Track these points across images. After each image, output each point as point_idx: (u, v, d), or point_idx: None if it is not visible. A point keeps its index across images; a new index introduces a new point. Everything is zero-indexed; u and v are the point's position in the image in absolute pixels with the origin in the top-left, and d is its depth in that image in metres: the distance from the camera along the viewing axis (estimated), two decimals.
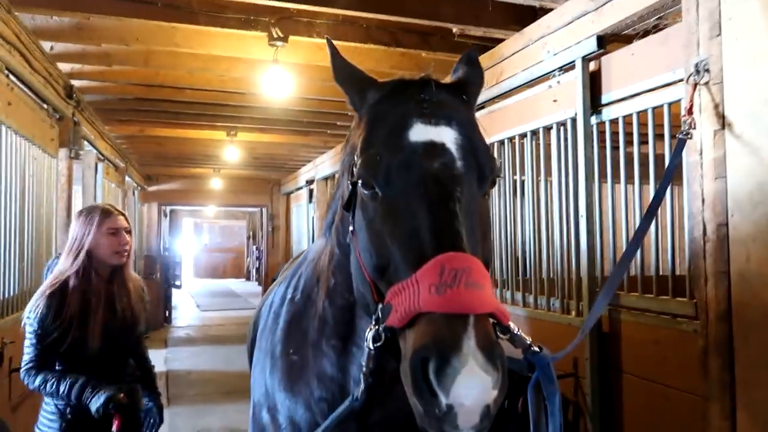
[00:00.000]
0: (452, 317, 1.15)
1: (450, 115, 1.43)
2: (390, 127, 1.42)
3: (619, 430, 2.87)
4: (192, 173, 12.48)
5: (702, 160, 2.30)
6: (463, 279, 1.18)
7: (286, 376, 1.99)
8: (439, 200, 1.30)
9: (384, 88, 1.56)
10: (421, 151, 1.36)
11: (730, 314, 2.18)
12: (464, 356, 1.10)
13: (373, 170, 1.37)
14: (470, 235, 1.29)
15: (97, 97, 5.88)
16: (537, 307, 3.48)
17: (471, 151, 1.39)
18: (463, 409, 1.11)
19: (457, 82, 1.64)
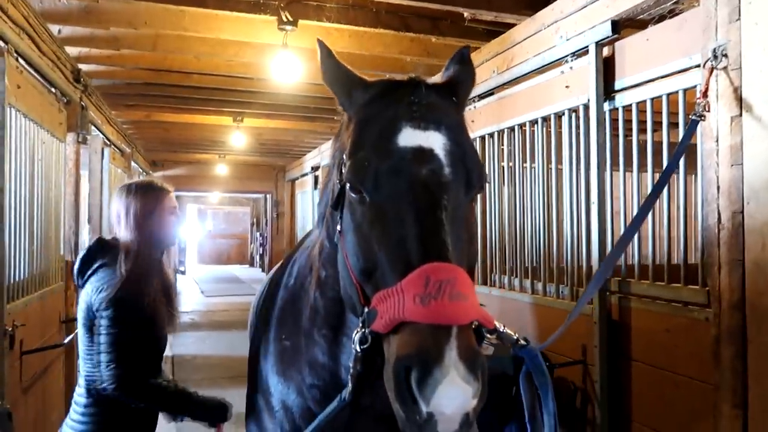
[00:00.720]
0: (436, 328, 1.17)
1: (439, 119, 1.42)
2: (379, 130, 1.41)
3: (627, 418, 2.88)
4: (197, 159, 12.48)
5: (718, 147, 2.28)
6: (448, 290, 1.19)
7: (278, 361, 2.01)
8: (426, 208, 1.30)
9: (373, 88, 1.54)
10: (410, 156, 1.35)
11: (743, 303, 2.18)
12: (446, 367, 1.13)
13: (362, 175, 1.37)
14: (456, 244, 1.30)
15: (105, 82, 5.87)
16: (546, 294, 3.47)
17: (459, 157, 1.38)
18: (443, 417, 1.14)
19: (448, 82, 1.62)
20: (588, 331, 3.03)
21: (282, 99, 6.46)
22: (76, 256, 4.97)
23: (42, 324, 3.95)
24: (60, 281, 4.49)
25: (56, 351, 4.30)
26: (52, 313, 4.25)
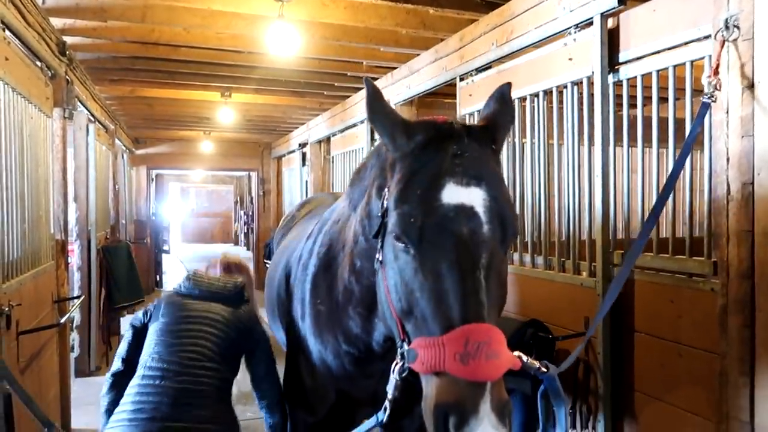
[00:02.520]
0: (473, 383, 1.36)
1: (479, 174, 1.54)
2: (424, 185, 1.53)
3: (629, 388, 2.93)
4: (182, 136, 12.26)
5: (728, 119, 2.29)
6: (484, 350, 1.36)
7: (315, 324, 2.32)
8: (467, 268, 1.45)
9: (418, 135, 1.63)
10: (452, 214, 1.48)
11: (752, 272, 2.20)
12: (480, 418, 1.33)
13: (407, 229, 1.51)
14: (491, 302, 1.46)
15: (89, 56, 5.69)
16: (548, 267, 3.49)
17: (497, 213, 1.51)
18: None
19: (487, 126, 1.71)
20: (591, 303, 3.05)
21: (272, 74, 6.34)
22: (65, 235, 4.88)
23: (36, 304, 3.89)
24: (51, 260, 4.40)
25: (50, 331, 4.24)
26: (45, 292, 4.18)
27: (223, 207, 28.49)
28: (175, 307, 2.62)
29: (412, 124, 1.70)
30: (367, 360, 2.19)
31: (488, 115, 1.77)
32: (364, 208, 1.92)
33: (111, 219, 8.40)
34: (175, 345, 2.43)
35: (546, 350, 3.16)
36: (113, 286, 7.00)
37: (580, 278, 3.20)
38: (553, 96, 3.45)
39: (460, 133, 1.61)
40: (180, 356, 2.39)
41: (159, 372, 2.34)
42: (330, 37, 4.90)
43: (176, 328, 2.51)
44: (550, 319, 3.28)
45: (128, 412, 2.25)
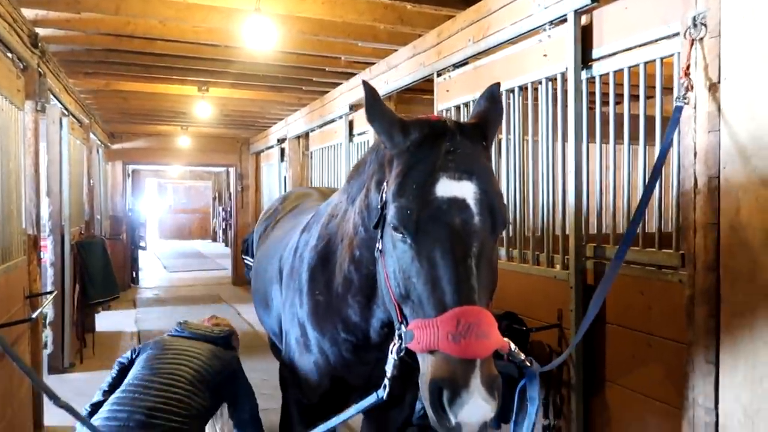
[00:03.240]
0: (464, 360, 1.47)
1: (471, 168, 1.66)
2: (419, 179, 1.65)
3: (601, 378, 2.99)
4: (159, 131, 12.11)
5: (696, 114, 2.34)
6: (474, 330, 1.48)
7: (313, 313, 2.44)
8: (459, 256, 1.57)
9: (413, 133, 1.75)
10: (446, 206, 1.60)
11: (717, 264, 2.26)
12: (471, 392, 1.45)
13: (404, 221, 1.62)
14: (482, 286, 1.58)
15: (63, 48, 5.59)
16: (523, 261, 3.54)
17: (487, 205, 1.63)
18: (467, 425, 1.47)
19: (478, 124, 1.83)
20: (564, 295, 3.11)
21: (250, 68, 6.30)
22: (37, 230, 4.80)
23: (7, 299, 3.83)
24: (23, 255, 4.33)
25: (22, 327, 4.18)
26: (16, 288, 4.11)
27: (202, 203, 28.24)
28: (162, 343, 2.86)
29: (408, 122, 1.80)
30: (365, 347, 2.30)
31: (479, 113, 1.88)
32: (363, 201, 2.04)
33: (86, 214, 8.28)
34: (156, 369, 2.60)
35: (520, 342, 3.21)
36: (88, 282, 6.90)
37: (554, 271, 3.25)
38: (528, 92, 3.50)
39: (453, 131, 1.73)
40: (158, 378, 2.53)
41: (137, 389, 2.48)
42: (307, 31, 4.89)
43: (160, 357, 2.70)
44: (524, 311, 3.33)
45: (102, 418, 2.34)
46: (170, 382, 2.49)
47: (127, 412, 2.31)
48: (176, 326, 3.00)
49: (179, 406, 2.39)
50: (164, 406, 2.37)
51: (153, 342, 2.86)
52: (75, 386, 5.93)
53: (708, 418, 2.29)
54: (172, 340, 2.89)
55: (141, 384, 2.48)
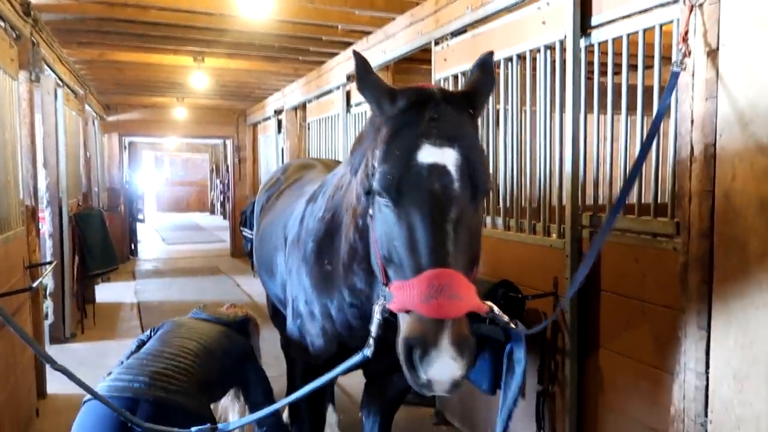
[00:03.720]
0: (435, 320, 1.53)
1: (454, 135, 1.69)
2: (402, 146, 1.69)
3: (595, 345, 3.04)
4: (154, 103, 12.00)
5: (693, 81, 2.33)
6: (446, 292, 1.54)
7: (320, 282, 2.52)
8: (436, 220, 1.62)
9: (400, 101, 1.79)
10: (426, 172, 1.65)
11: (712, 231, 2.28)
12: (440, 350, 1.51)
13: (387, 185, 1.67)
14: (458, 250, 1.62)
15: (55, 17, 5.49)
16: (520, 230, 3.56)
17: (468, 172, 1.66)
18: (437, 382, 1.55)
19: (467, 92, 1.87)
20: (560, 264, 3.14)
21: (246, 37, 6.21)
22: (35, 201, 4.81)
23: (7, 270, 3.85)
24: (21, 226, 4.34)
25: (23, 297, 4.22)
26: (15, 258, 4.13)
27: (199, 175, 28.15)
28: (178, 322, 2.95)
29: (397, 91, 1.83)
30: (371, 314, 2.33)
31: (469, 82, 1.92)
32: (364, 171, 2.07)
33: (83, 186, 8.26)
34: (166, 341, 2.69)
35: (516, 310, 3.25)
36: (87, 254, 6.93)
37: (550, 240, 3.28)
38: (527, 61, 3.47)
39: (438, 99, 1.76)
40: (167, 348, 2.62)
41: (147, 357, 2.56)
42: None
43: (173, 331, 2.80)
44: (520, 279, 3.37)
45: (110, 380, 2.42)
46: (177, 352, 2.57)
47: (133, 374, 2.38)
48: (195, 309, 3.12)
49: (184, 374, 2.46)
50: (169, 372, 2.43)
51: (170, 321, 2.97)
52: (77, 356, 6.00)
53: (698, 383, 2.34)
54: (188, 320, 2.99)
55: (150, 353, 2.57)
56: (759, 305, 2.10)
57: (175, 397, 2.33)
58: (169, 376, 2.40)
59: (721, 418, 2.25)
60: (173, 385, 2.36)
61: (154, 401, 2.27)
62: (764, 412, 2.09)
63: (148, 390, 2.30)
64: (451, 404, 4.33)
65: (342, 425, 4.15)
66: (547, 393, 3.25)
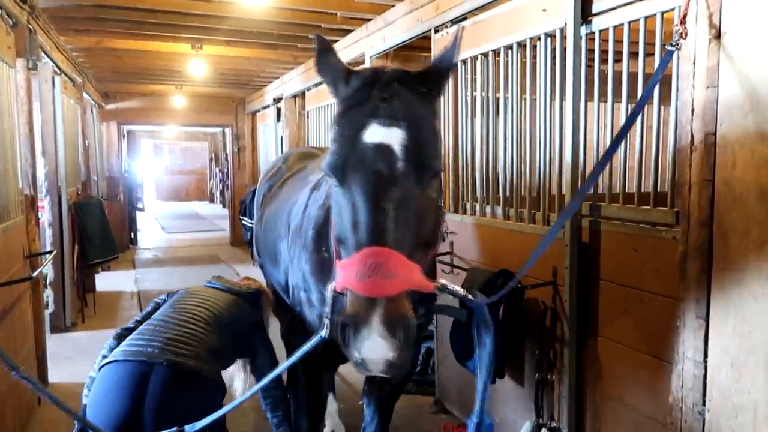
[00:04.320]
0: (368, 298, 1.53)
1: (402, 115, 1.67)
2: (350, 126, 1.70)
3: (594, 334, 3.04)
4: (153, 90, 11.95)
5: (694, 70, 2.32)
6: (380, 270, 1.53)
7: (317, 268, 2.53)
8: (375, 199, 1.61)
9: (354, 82, 1.79)
10: (370, 152, 1.64)
11: (711, 220, 2.28)
12: (370, 329, 1.50)
13: (333, 166, 1.69)
14: (399, 230, 1.60)
15: (52, 4, 5.45)
16: (519, 219, 3.56)
17: (414, 152, 1.65)
18: (370, 361, 1.54)
19: (423, 72, 1.84)
20: (559, 253, 3.14)
21: (244, 24, 6.17)
22: (34, 190, 4.80)
23: (7, 259, 3.85)
24: (20, 215, 4.34)
25: (23, 286, 4.22)
26: (15, 247, 4.13)
27: (198, 164, 28.10)
28: (191, 290, 2.97)
29: (353, 72, 1.84)
30: None
31: (431, 61, 1.89)
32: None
33: (82, 175, 8.25)
34: (178, 308, 2.73)
35: (515, 299, 3.26)
36: (86, 243, 6.93)
37: (549, 229, 3.26)
38: (527, 49, 3.45)
39: (391, 79, 1.75)
40: (178, 315, 2.66)
41: (159, 322, 2.61)
42: None
43: (185, 299, 2.83)
44: (520, 268, 3.36)
45: (125, 344, 2.49)
46: (188, 318, 2.63)
47: (146, 340, 2.44)
48: (209, 279, 3.15)
49: (195, 339, 2.52)
50: (180, 338, 2.48)
51: (184, 289, 3.01)
52: (78, 345, 6.03)
53: (696, 371, 2.35)
54: (201, 288, 3.02)
55: (162, 319, 2.62)
56: (758, 294, 2.10)
57: (187, 360, 2.39)
58: (181, 342, 2.47)
59: (718, 406, 2.27)
60: (185, 350, 2.42)
61: (167, 364, 2.33)
62: (762, 400, 2.10)
63: (161, 354, 2.36)
64: (450, 393, 4.36)
65: (342, 413, 4.17)
66: (545, 381, 3.26)
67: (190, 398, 2.32)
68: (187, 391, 2.31)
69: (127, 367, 2.32)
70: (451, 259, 4.12)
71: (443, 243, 4.21)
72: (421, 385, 4.74)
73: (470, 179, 4.08)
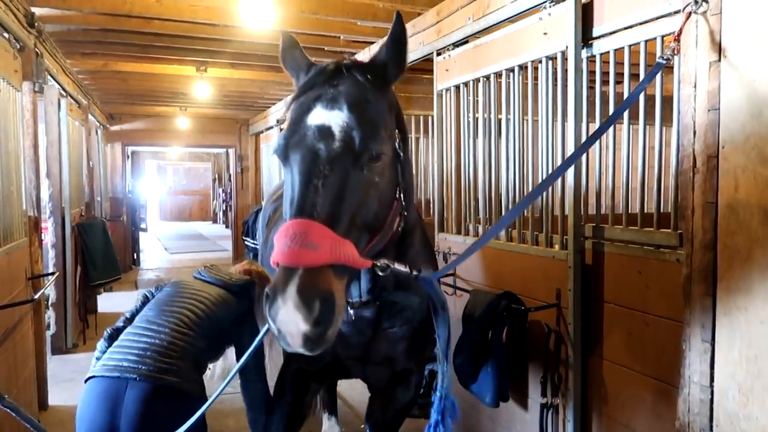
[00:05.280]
0: (288, 268, 1.54)
1: (344, 100, 1.74)
2: (297, 110, 1.78)
3: (599, 357, 3.01)
4: (157, 112, 12.05)
5: (696, 92, 2.33)
6: (299, 240, 1.54)
7: None
8: (308, 176, 1.66)
9: (311, 71, 1.91)
10: (309, 132, 1.71)
11: (715, 243, 2.27)
12: (285, 298, 1.49)
13: (278, 148, 1.77)
14: (327, 205, 1.62)
15: (59, 28, 5.53)
16: (522, 241, 3.55)
17: (352, 133, 1.70)
18: (286, 333, 1.52)
19: (372, 62, 1.93)
20: (563, 275, 3.12)
21: (248, 48, 6.24)
22: (38, 212, 4.81)
23: (9, 281, 3.85)
24: (24, 237, 4.35)
25: (25, 308, 4.21)
26: (18, 269, 4.13)
27: (201, 184, 28.22)
28: (179, 284, 2.88)
29: (313, 65, 1.96)
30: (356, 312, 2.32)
31: (382, 49, 1.95)
32: None
33: (86, 196, 8.28)
34: (161, 310, 2.64)
35: (519, 321, 3.24)
36: (89, 264, 6.93)
37: (553, 251, 3.26)
38: (529, 71, 3.47)
39: (341, 69, 1.85)
40: (162, 319, 2.57)
41: (137, 330, 2.53)
42: (306, 10, 4.85)
43: (170, 298, 2.73)
44: (523, 291, 3.35)
45: (106, 358, 2.45)
46: (169, 324, 2.54)
47: (123, 353, 2.40)
48: (202, 268, 3.04)
49: (171, 348, 2.44)
50: (158, 347, 2.42)
51: (173, 282, 2.92)
52: (79, 366, 5.99)
53: (703, 396, 2.31)
54: (190, 282, 2.91)
55: (141, 326, 2.55)
56: (764, 318, 2.08)
57: (162, 375, 2.32)
58: (159, 352, 2.39)
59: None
60: (162, 362, 2.35)
61: (141, 379, 2.27)
62: None
63: (136, 369, 2.30)
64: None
65: None
66: (550, 405, 3.22)
67: (167, 411, 2.28)
68: (164, 405, 2.28)
69: (102, 384, 2.31)
70: (453, 281, 4.10)
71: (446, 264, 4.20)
72: (424, 409, 4.68)
73: (473, 200, 4.08)
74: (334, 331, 1.57)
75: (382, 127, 1.81)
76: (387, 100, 1.93)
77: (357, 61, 1.93)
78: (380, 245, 1.85)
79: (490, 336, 3.23)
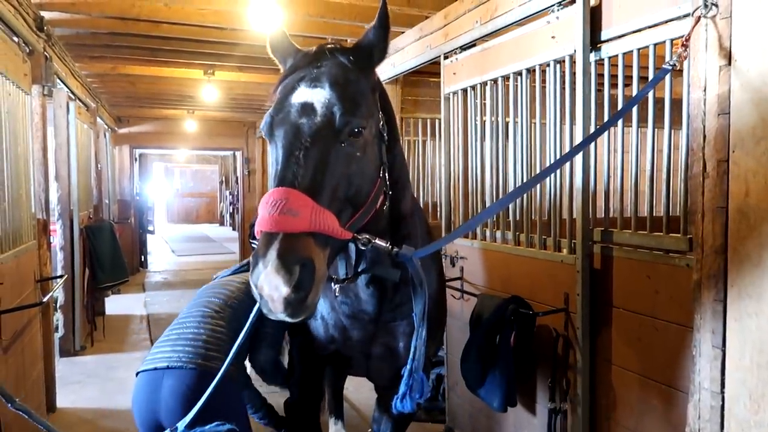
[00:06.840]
0: (269, 234, 1.57)
1: (326, 79, 1.81)
2: (282, 91, 1.85)
3: (607, 362, 2.99)
4: (165, 115, 12.11)
5: (705, 96, 2.31)
6: (280, 206, 1.58)
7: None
8: (290, 149, 1.72)
9: (296, 57, 2.00)
10: (293, 110, 1.77)
11: (725, 248, 2.25)
12: (265, 261, 1.52)
13: (264, 124, 1.83)
14: (308, 176, 1.67)
15: (68, 32, 5.58)
16: (530, 245, 3.53)
17: (333, 109, 1.76)
18: (267, 297, 1.54)
19: (357, 44, 1.99)
20: (571, 280, 3.10)
21: (256, 51, 6.25)
22: (47, 214, 4.84)
23: (18, 283, 3.87)
24: (33, 239, 4.37)
25: (33, 311, 4.23)
26: (26, 272, 4.15)
27: (208, 187, 28.33)
28: (208, 285, 2.99)
29: (299, 51, 2.04)
30: (360, 311, 2.39)
31: (366, 35, 2.01)
32: None
33: (94, 199, 8.33)
34: (191, 306, 2.75)
35: (527, 326, 3.23)
36: (97, 266, 6.96)
37: (561, 255, 3.24)
38: (536, 75, 3.46)
39: (324, 52, 1.92)
40: (194, 312, 2.67)
41: (175, 327, 2.64)
42: (314, 13, 4.86)
43: (197, 297, 2.84)
44: (531, 295, 3.34)
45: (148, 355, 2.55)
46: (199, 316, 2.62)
47: (158, 349, 2.50)
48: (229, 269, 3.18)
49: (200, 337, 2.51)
50: (186, 338, 2.49)
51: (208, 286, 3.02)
52: (87, 369, 6.02)
53: (714, 402, 2.29)
54: (217, 282, 3.00)
55: (180, 322, 2.64)
56: None
57: (195, 360, 2.39)
58: (190, 342, 2.47)
59: None
60: (193, 350, 2.43)
61: (174, 367, 2.36)
62: None
63: (170, 358, 2.39)
64: (461, 421, 4.29)
65: None
66: (558, 410, 3.20)
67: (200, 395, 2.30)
68: (196, 387, 2.31)
69: (143, 378, 2.42)
70: (461, 285, 4.09)
71: (453, 268, 4.19)
72: (430, 413, 4.68)
73: (480, 203, 4.07)
74: (314, 298, 1.60)
75: (363, 105, 1.87)
76: (369, 82, 1.99)
77: (340, 44, 2.02)
78: (362, 221, 1.87)
79: (498, 340, 3.22)
